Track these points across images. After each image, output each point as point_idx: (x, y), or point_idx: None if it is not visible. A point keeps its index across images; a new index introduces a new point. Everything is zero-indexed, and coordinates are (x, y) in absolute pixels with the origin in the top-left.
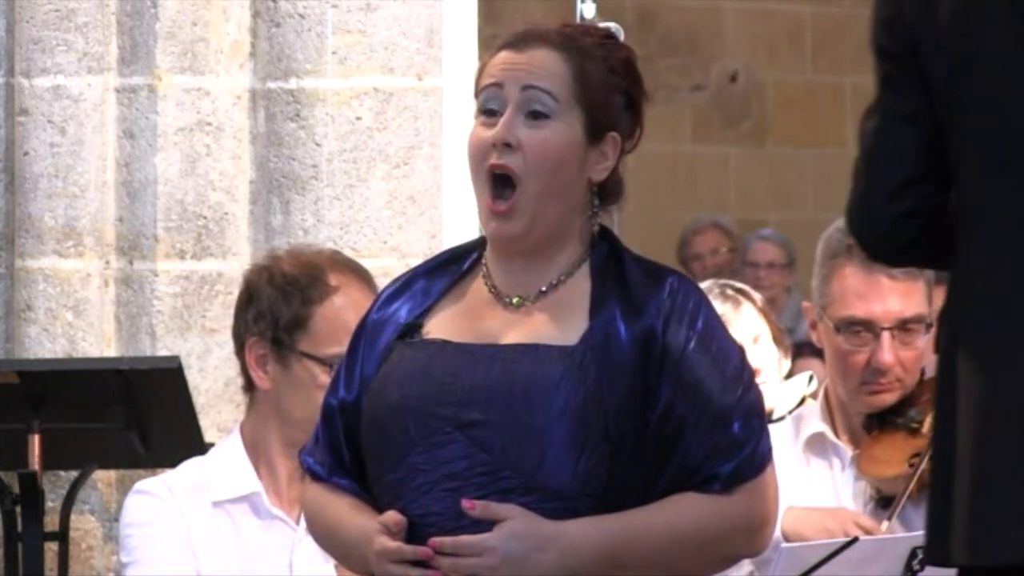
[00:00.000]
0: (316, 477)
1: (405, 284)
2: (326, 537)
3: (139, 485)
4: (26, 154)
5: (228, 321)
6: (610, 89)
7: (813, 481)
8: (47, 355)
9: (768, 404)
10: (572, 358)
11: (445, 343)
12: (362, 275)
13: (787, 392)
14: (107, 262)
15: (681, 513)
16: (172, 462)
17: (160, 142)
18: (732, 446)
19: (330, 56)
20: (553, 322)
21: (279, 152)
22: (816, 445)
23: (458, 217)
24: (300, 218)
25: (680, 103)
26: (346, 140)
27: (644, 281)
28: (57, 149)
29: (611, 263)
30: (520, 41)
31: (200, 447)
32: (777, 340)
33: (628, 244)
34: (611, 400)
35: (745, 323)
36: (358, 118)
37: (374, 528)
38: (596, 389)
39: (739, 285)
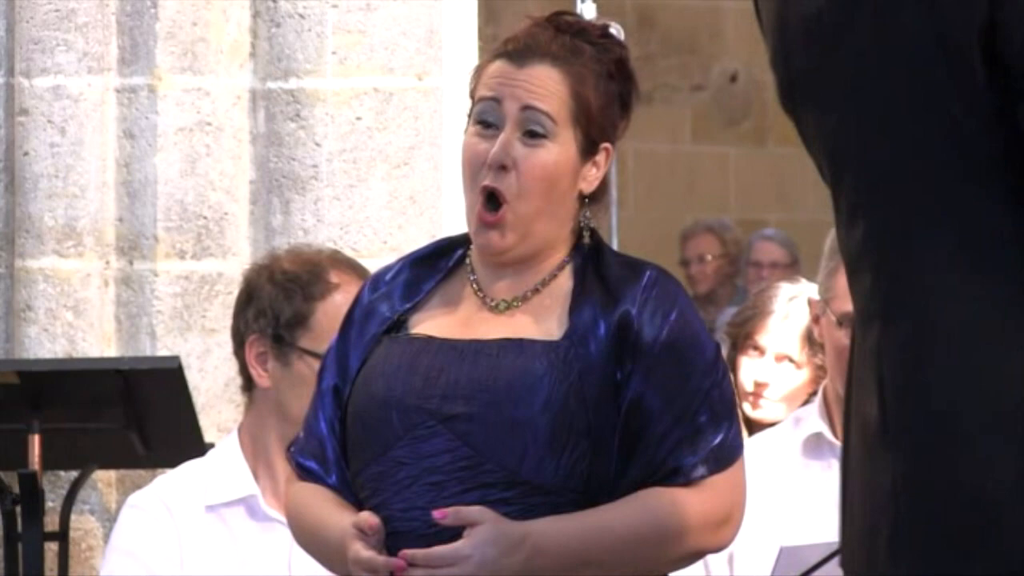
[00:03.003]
0: (302, 475)
1: (396, 273)
2: (309, 538)
3: (132, 499)
4: (26, 154)
5: (228, 321)
6: (607, 100)
7: (810, 482)
8: (47, 355)
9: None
10: (556, 353)
11: (431, 339)
12: (362, 274)
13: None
14: (107, 262)
15: (645, 509)
16: (172, 462)
17: (160, 142)
18: (697, 439)
19: (330, 56)
20: (537, 320)
21: (279, 152)
22: (814, 445)
23: (458, 217)
24: (300, 218)
25: (680, 103)
26: (346, 140)
27: (621, 273)
28: (57, 149)
29: (592, 261)
30: (520, 55)
31: (200, 447)
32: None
33: (628, 244)
34: (590, 393)
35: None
36: (358, 118)
37: (349, 531)
38: (578, 383)
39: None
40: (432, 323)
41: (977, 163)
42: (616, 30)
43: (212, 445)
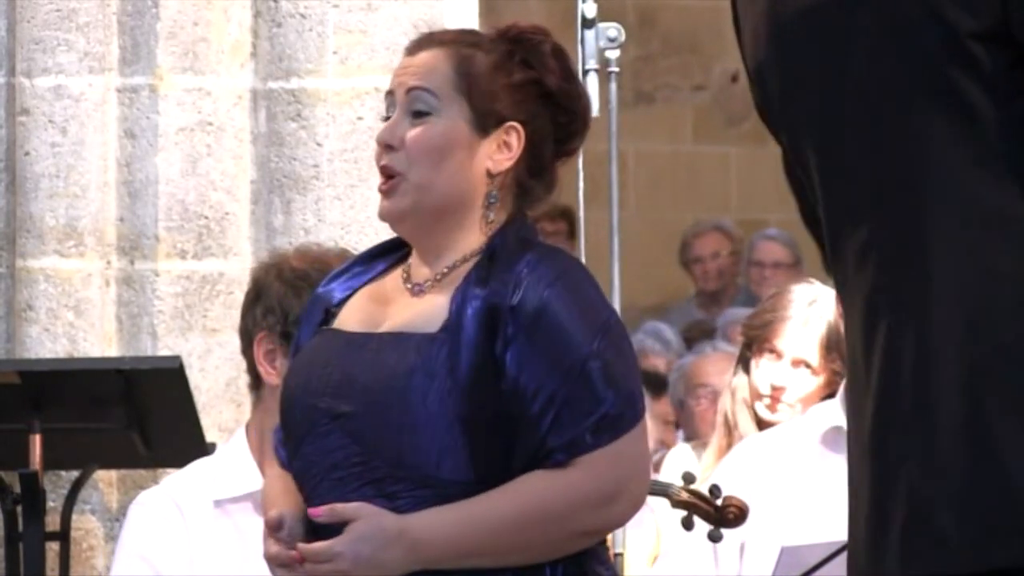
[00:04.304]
0: (278, 459)
1: (348, 266)
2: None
3: (141, 497)
4: (27, 154)
5: (229, 321)
6: (509, 80)
7: (828, 476)
8: (48, 355)
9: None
10: (431, 346)
11: (336, 332)
12: None
13: None
14: (108, 262)
15: (523, 493)
16: (173, 462)
17: (161, 142)
18: (572, 416)
19: (331, 56)
20: (430, 308)
21: (280, 152)
22: (833, 438)
23: None
24: (301, 218)
25: (681, 103)
26: (347, 140)
27: (508, 254)
28: (58, 149)
29: (498, 248)
30: (415, 46)
31: (201, 447)
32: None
33: (629, 244)
34: (464, 382)
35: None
36: (359, 118)
37: (264, 528)
38: (451, 375)
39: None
40: (352, 315)
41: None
42: (617, 30)
43: (213, 445)
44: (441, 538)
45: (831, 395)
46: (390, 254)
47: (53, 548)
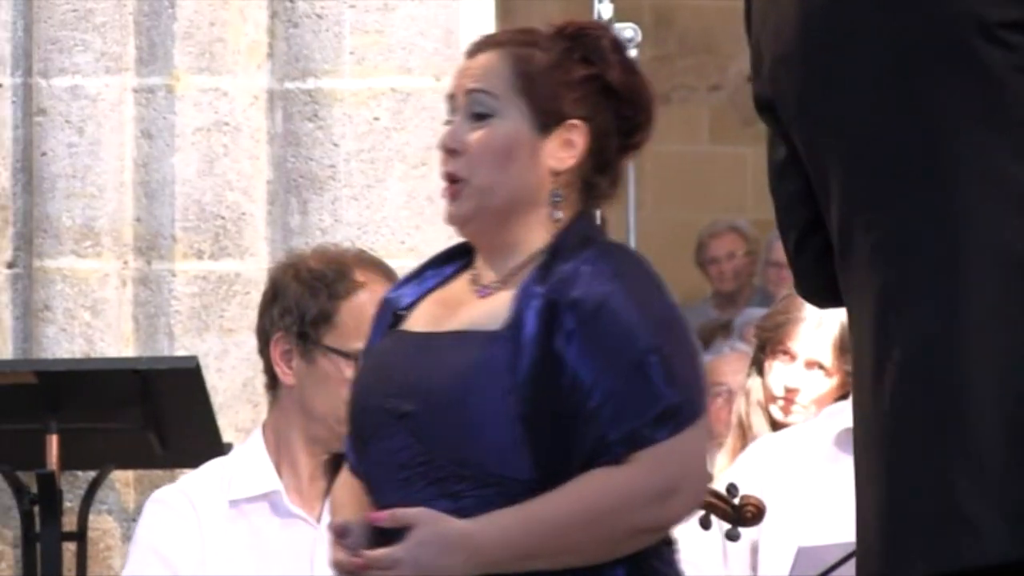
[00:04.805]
0: (348, 462)
1: (419, 271)
2: None
3: (157, 494)
4: (44, 154)
5: (246, 321)
6: (568, 77)
7: (842, 476)
8: (65, 355)
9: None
10: (493, 344)
11: (403, 334)
12: (387, 273)
13: None
14: (125, 262)
15: (582, 492)
16: (190, 462)
17: (178, 142)
18: (630, 412)
19: (348, 56)
20: (496, 307)
21: (297, 152)
22: (847, 440)
23: None
24: (318, 218)
25: (697, 103)
26: (364, 140)
27: (567, 254)
28: (75, 149)
29: (562, 247)
30: (474, 48)
31: (218, 447)
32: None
33: (645, 244)
34: (526, 378)
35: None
36: (376, 118)
37: (329, 537)
38: (512, 371)
39: None
40: (420, 317)
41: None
42: (633, 31)
43: (230, 445)
44: (501, 542)
45: (844, 396)
46: (460, 258)
47: (70, 548)
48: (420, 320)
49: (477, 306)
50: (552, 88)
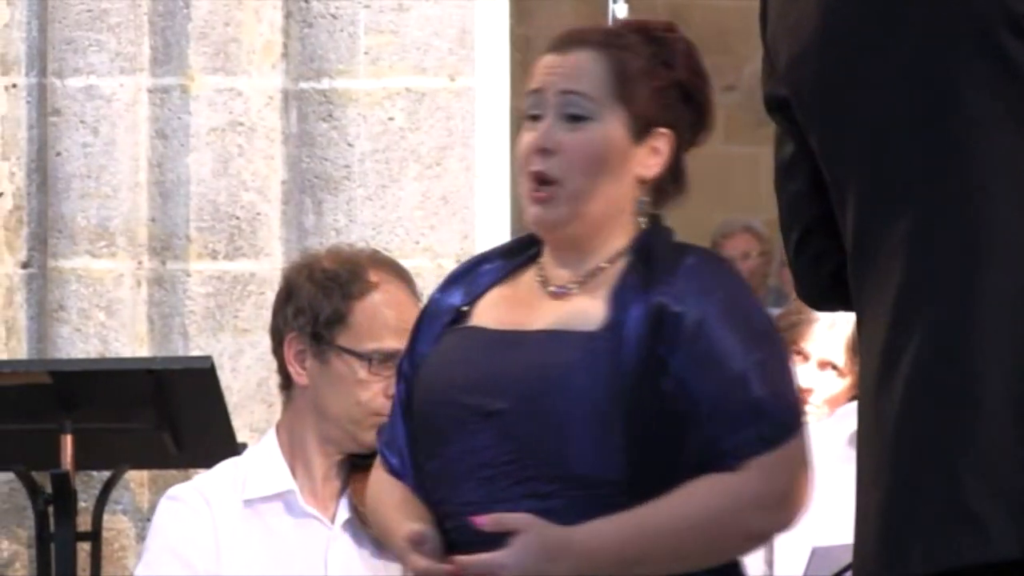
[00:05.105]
0: (385, 465)
1: (469, 268)
2: (382, 533)
3: (171, 491)
4: (59, 154)
5: (260, 321)
6: (657, 83)
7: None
8: (79, 355)
9: None
10: (593, 343)
11: (481, 330)
12: (401, 273)
13: None
14: (140, 262)
15: (690, 499)
16: (204, 462)
17: (192, 142)
18: (742, 420)
19: (362, 56)
20: (585, 307)
21: (311, 152)
22: None
23: (490, 217)
24: (332, 218)
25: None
26: (378, 140)
27: (665, 258)
28: (90, 149)
29: (646, 247)
30: (562, 44)
31: (232, 447)
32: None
33: None
34: (626, 382)
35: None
36: (390, 118)
37: (403, 544)
38: (613, 374)
39: None
40: (490, 313)
41: None
42: None
43: (244, 445)
44: (604, 550)
45: (857, 397)
46: (513, 253)
47: (84, 548)
48: (488, 317)
49: (557, 306)
50: (646, 95)
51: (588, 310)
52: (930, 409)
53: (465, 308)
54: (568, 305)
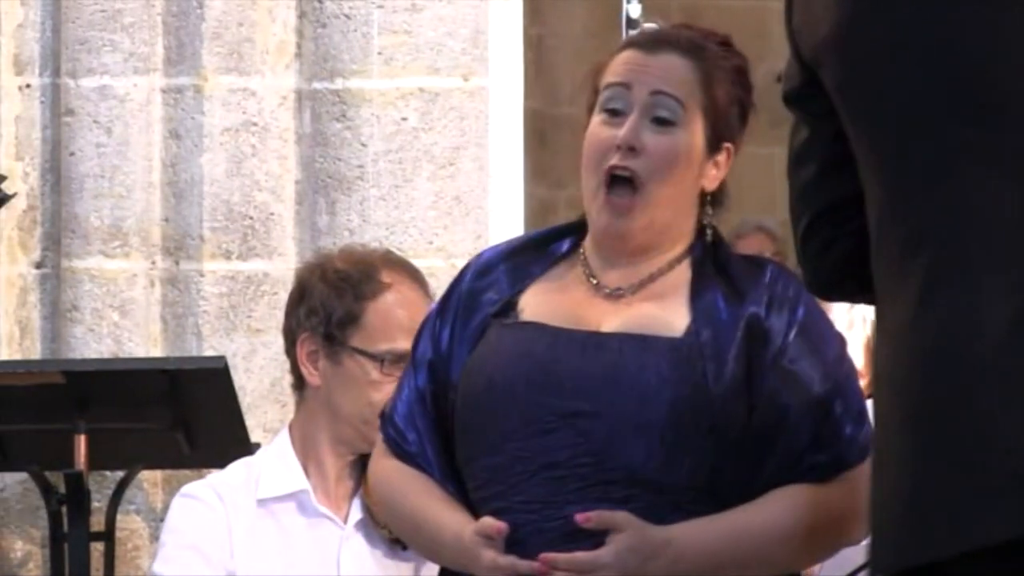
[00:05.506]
0: (396, 452)
1: (499, 258)
2: (408, 527)
3: (185, 489)
4: (72, 154)
5: (274, 321)
6: (732, 100)
7: None
8: (93, 355)
9: None
10: (680, 350)
11: (544, 326)
12: (414, 274)
13: None
14: (153, 262)
15: (782, 508)
16: (218, 462)
17: (206, 142)
18: (832, 434)
19: (376, 56)
20: (654, 312)
21: (325, 152)
22: None
23: (504, 217)
24: (346, 218)
25: None
26: (392, 140)
27: (744, 269)
28: (103, 149)
29: (711, 256)
30: (650, 43)
31: (246, 447)
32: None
33: None
34: (716, 391)
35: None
36: (404, 118)
37: (474, 539)
38: (703, 382)
39: None
40: (542, 309)
41: None
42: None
43: (258, 445)
44: (700, 550)
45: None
46: (549, 244)
47: (98, 548)
48: (540, 312)
49: (620, 309)
50: (726, 110)
51: (663, 316)
52: (953, 390)
53: (510, 300)
54: (632, 309)
